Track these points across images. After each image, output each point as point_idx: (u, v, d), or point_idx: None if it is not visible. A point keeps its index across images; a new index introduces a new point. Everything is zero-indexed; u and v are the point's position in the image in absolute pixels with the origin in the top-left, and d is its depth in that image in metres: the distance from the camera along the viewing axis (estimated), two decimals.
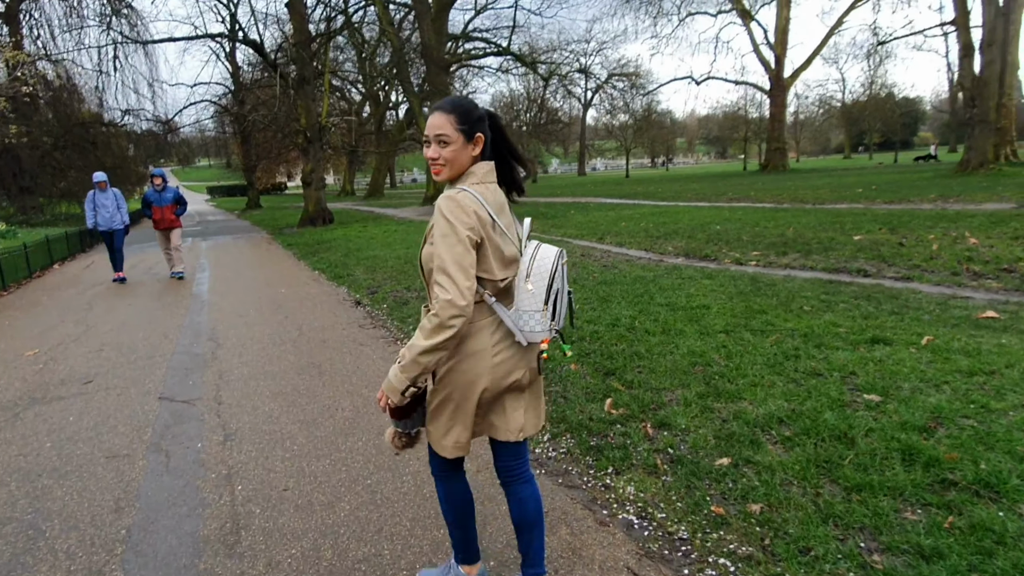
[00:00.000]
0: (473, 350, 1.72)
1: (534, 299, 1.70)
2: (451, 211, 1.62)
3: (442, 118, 1.70)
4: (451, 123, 1.69)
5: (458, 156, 1.71)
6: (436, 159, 1.72)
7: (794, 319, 4.70)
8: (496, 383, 1.74)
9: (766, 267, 7.39)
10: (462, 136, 1.70)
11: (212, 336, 5.80)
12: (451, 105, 1.72)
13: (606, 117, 55.55)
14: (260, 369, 4.64)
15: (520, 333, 1.72)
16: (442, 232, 1.62)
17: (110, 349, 5.51)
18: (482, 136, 1.75)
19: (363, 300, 7.19)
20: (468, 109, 1.73)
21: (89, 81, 27.40)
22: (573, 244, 10.79)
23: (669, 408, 3.34)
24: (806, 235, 9.42)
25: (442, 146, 1.70)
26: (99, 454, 3.28)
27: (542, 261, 1.73)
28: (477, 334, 1.72)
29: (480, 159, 1.77)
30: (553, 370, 4.13)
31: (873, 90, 60.50)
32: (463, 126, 1.70)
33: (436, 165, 1.73)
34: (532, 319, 1.70)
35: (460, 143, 1.70)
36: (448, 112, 1.70)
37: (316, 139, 18.18)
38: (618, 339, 4.60)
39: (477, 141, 1.74)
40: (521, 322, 1.71)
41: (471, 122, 1.72)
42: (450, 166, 1.72)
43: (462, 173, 1.75)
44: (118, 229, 9.76)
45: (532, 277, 1.71)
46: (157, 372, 4.72)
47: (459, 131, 1.70)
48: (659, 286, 6.33)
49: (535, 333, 1.71)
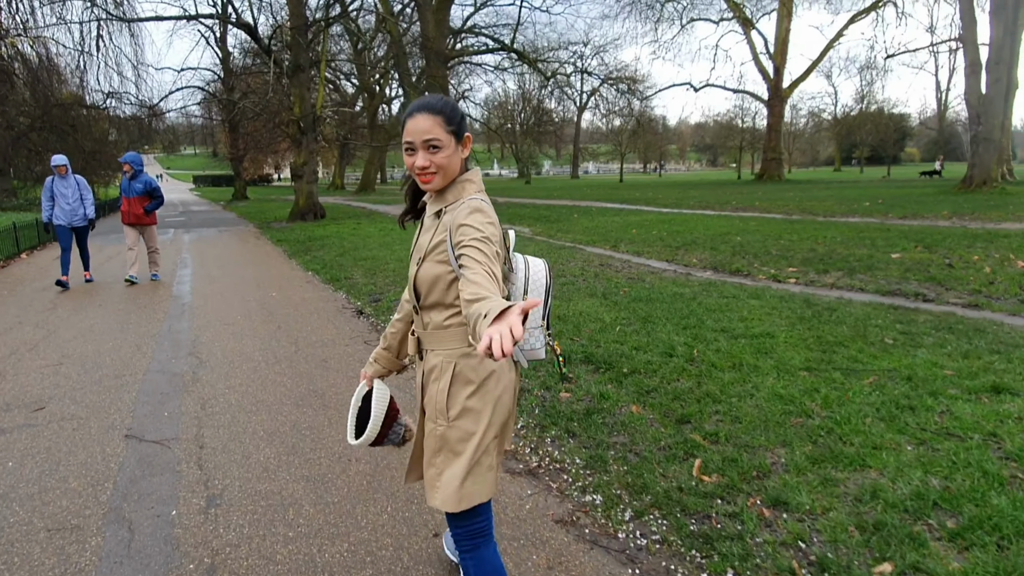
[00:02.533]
0: (493, 367, 1.55)
1: (533, 316, 1.60)
2: (483, 224, 1.43)
3: (429, 120, 1.49)
4: (440, 124, 1.50)
5: (451, 161, 1.53)
6: (427, 168, 1.51)
7: (884, 356, 4.03)
8: (511, 405, 1.61)
9: (808, 285, 6.75)
10: (453, 138, 1.52)
11: (194, 350, 5.00)
12: (438, 104, 1.53)
13: (602, 120, 55.08)
14: (251, 397, 3.87)
15: (521, 352, 1.60)
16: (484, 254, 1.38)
17: (71, 363, 4.68)
18: (470, 136, 1.59)
19: (365, 309, 6.42)
20: (453, 107, 1.55)
21: (71, 61, 26.20)
22: (587, 251, 10.10)
23: (777, 476, 2.64)
24: (838, 251, 8.82)
25: (433, 152, 1.50)
26: (38, 524, 2.49)
27: (536, 276, 1.64)
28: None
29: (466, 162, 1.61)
30: (609, 411, 3.42)
31: (866, 104, 60.78)
32: (452, 127, 1.52)
33: (427, 174, 1.52)
34: (532, 336, 1.60)
35: (452, 146, 1.52)
36: (436, 112, 1.51)
37: (310, 129, 17.31)
38: (680, 373, 3.89)
39: (467, 142, 1.58)
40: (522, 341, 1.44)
41: (458, 121, 1.54)
42: (443, 173, 1.53)
43: (454, 180, 1.56)
44: (80, 225, 8.20)
45: (530, 293, 1.61)
46: (125, 397, 3.92)
47: (449, 133, 1.51)
48: (703, 306, 5.64)
49: (535, 351, 1.63)
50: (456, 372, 1.53)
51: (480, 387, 1.53)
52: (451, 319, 1.55)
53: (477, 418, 1.52)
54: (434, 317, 1.57)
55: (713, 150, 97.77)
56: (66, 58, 26.12)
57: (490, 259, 1.36)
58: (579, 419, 3.35)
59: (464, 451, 1.52)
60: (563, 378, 3.84)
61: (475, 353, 1.48)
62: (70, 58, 26.12)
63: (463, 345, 1.53)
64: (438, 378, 1.56)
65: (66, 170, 7.93)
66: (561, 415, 3.40)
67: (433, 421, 1.57)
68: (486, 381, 1.53)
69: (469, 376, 1.52)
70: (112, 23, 22.45)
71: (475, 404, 1.52)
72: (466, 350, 1.53)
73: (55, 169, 7.86)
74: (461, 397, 1.52)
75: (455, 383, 1.53)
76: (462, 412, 1.52)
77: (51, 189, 7.94)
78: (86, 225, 8.25)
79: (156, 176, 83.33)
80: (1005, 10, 20.60)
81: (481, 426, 1.53)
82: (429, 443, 1.58)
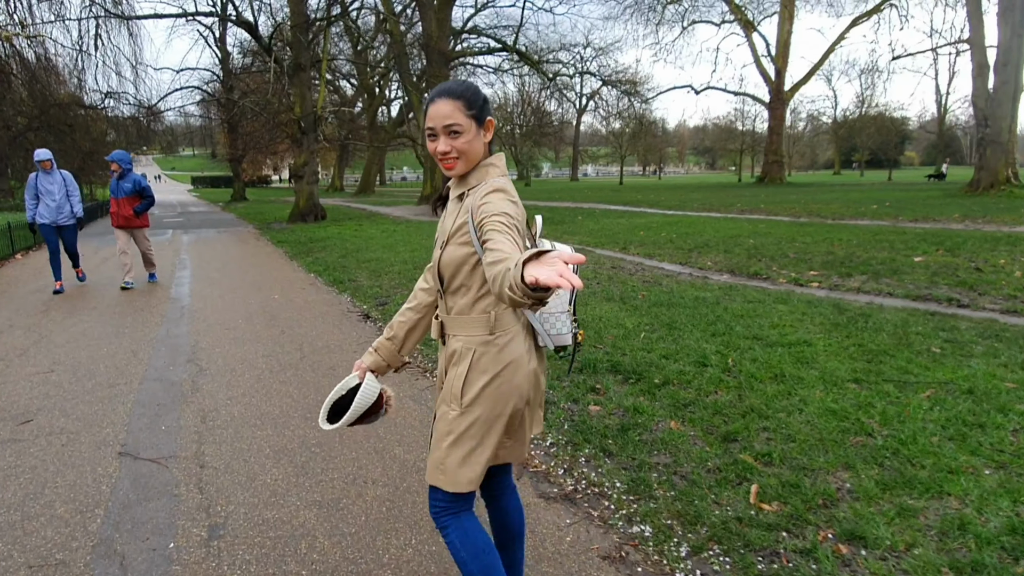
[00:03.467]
0: (511, 358, 1.52)
1: (560, 300, 1.60)
2: (505, 202, 1.43)
3: (449, 105, 1.48)
4: (460, 109, 1.49)
5: (473, 145, 1.51)
6: (448, 153, 1.50)
7: (935, 366, 3.76)
8: (531, 394, 1.57)
9: (833, 290, 6.49)
10: (474, 123, 1.51)
11: (193, 356, 4.72)
12: (459, 88, 1.51)
13: (602, 123, 54.85)
14: (255, 409, 3.58)
15: (548, 337, 1.59)
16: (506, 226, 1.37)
17: (63, 371, 4.39)
18: (492, 120, 1.57)
19: (372, 313, 6.14)
20: (475, 91, 1.53)
21: (69, 61, 25.87)
22: (596, 254, 9.83)
23: (846, 505, 2.37)
24: (858, 254, 8.56)
25: (454, 137, 1.49)
26: (19, 559, 2.20)
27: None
28: (513, 341, 1.54)
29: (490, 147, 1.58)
30: (644, 426, 3.14)
31: (865, 108, 60.67)
32: (472, 111, 1.50)
33: (448, 159, 1.51)
34: (559, 321, 1.60)
35: (473, 131, 1.51)
36: (456, 97, 1.49)
37: (310, 129, 17.03)
38: (717, 385, 3.62)
39: (489, 126, 1.56)
40: (548, 325, 1.60)
41: (479, 105, 1.52)
42: (465, 158, 1.52)
43: (476, 164, 1.55)
44: (67, 224, 7.64)
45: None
46: (120, 408, 3.63)
47: (470, 117, 1.50)
48: (730, 311, 5.37)
49: (562, 336, 1.61)
50: (475, 359, 1.51)
51: (496, 376, 1.51)
52: (476, 304, 1.53)
53: (490, 407, 1.51)
54: (458, 301, 1.55)
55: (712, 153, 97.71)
56: (64, 58, 25.78)
57: (513, 233, 1.35)
58: (614, 436, 3.07)
59: (469, 438, 1.52)
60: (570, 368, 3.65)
61: (496, 341, 1.51)
62: (68, 58, 25.76)
63: (485, 332, 1.52)
64: (457, 363, 1.55)
65: (51, 165, 7.37)
66: (593, 431, 3.13)
67: (447, 404, 1.56)
68: (503, 371, 1.51)
69: (487, 364, 1.51)
70: (111, 21, 22.18)
71: (490, 393, 1.51)
72: (487, 337, 1.51)
73: (39, 164, 7.30)
74: (477, 385, 1.51)
75: (472, 370, 1.51)
76: (475, 400, 1.51)
77: (35, 186, 7.39)
78: (73, 224, 7.73)
79: (155, 178, 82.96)
80: (1013, 12, 20.41)
81: (491, 415, 1.52)
82: (440, 426, 1.57)
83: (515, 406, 1.54)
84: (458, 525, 1.58)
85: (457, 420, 1.53)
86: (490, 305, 1.51)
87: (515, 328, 1.54)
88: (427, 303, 1.72)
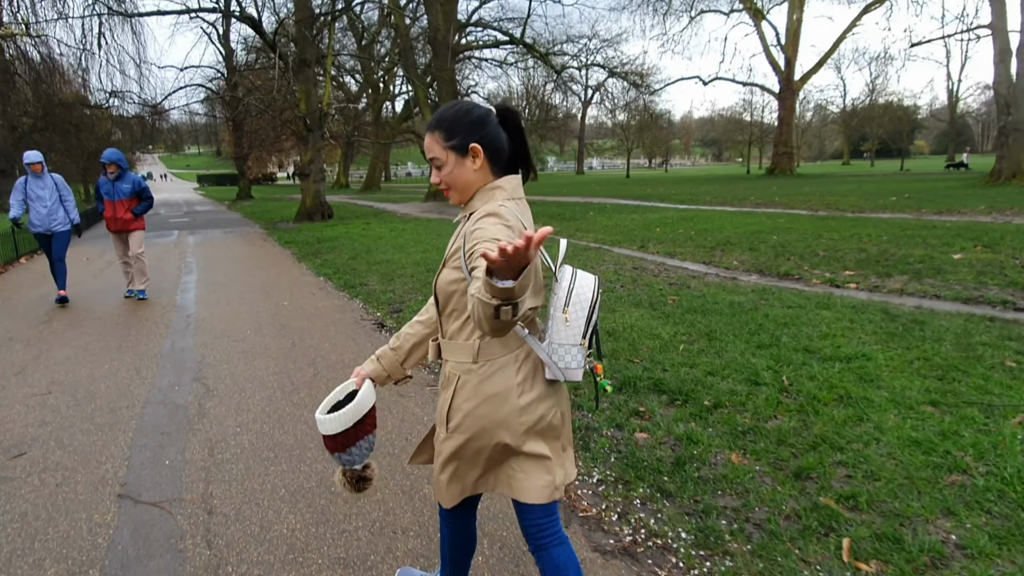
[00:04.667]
0: (493, 391, 1.45)
1: (571, 332, 1.45)
2: (494, 225, 1.34)
3: (430, 138, 1.47)
4: (438, 142, 1.45)
5: (457, 176, 1.46)
6: (439, 184, 1.49)
7: (1018, 384, 3.39)
8: (521, 429, 1.46)
9: (873, 292, 6.12)
10: (452, 153, 1.44)
11: (199, 373, 4.41)
12: (435, 121, 1.46)
13: (608, 116, 54.32)
14: (267, 439, 3.27)
15: (558, 369, 1.45)
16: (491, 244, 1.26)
17: (61, 392, 4.09)
18: (478, 147, 1.44)
19: (386, 321, 5.83)
20: (454, 119, 1.44)
21: (72, 60, 25.63)
22: (614, 252, 9.48)
23: (959, 565, 2.03)
24: (892, 251, 8.17)
25: (439, 170, 1.47)
26: None
27: (582, 289, 1.46)
28: (497, 373, 1.45)
29: (498, 169, 1.49)
30: (701, 459, 2.81)
31: (875, 96, 59.85)
32: (450, 142, 1.44)
33: (443, 189, 1.49)
34: (568, 354, 1.45)
35: (453, 161, 1.45)
36: (433, 130, 1.46)
37: (316, 126, 16.70)
38: (775, 408, 3.28)
39: (474, 153, 1.44)
40: (556, 356, 1.45)
41: (461, 133, 1.43)
42: (455, 188, 1.48)
43: (475, 189, 1.47)
44: (60, 231, 6.92)
45: (571, 307, 1.45)
46: (120, 438, 3.32)
47: (447, 149, 1.45)
48: (770, 318, 5.02)
49: (571, 370, 1.46)
50: (458, 386, 1.49)
51: (475, 408, 1.46)
52: (463, 330, 1.49)
53: (467, 437, 1.48)
54: (451, 325, 1.52)
55: (718, 145, 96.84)
56: (68, 57, 25.55)
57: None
58: (668, 471, 2.74)
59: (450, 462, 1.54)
60: (596, 405, 3.45)
61: (478, 371, 1.46)
62: (72, 57, 25.55)
63: (469, 360, 1.48)
64: (445, 388, 1.54)
65: (41, 168, 6.74)
66: (645, 465, 2.80)
67: (439, 427, 1.57)
68: (482, 404, 1.46)
69: (468, 393, 1.47)
70: (114, 19, 21.90)
71: (468, 424, 1.47)
72: (471, 365, 1.47)
73: (29, 167, 6.68)
74: (460, 413, 1.49)
75: (456, 397, 1.49)
76: (458, 427, 1.49)
77: (24, 190, 6.70)
78: (67, 230, 7.00)
79: (161, 176, 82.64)
80: None
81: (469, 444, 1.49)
82: (439, 448, 1.57)
83: (496, 440, 1.47)
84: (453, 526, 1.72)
85: (444, 443, 1.54)
86: (475, 332, 1.46)
87: (503, 360, 1.46)
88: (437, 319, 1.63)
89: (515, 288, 1.00)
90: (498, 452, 1.49)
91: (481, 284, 1.04)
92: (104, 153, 7.06)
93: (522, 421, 1.45)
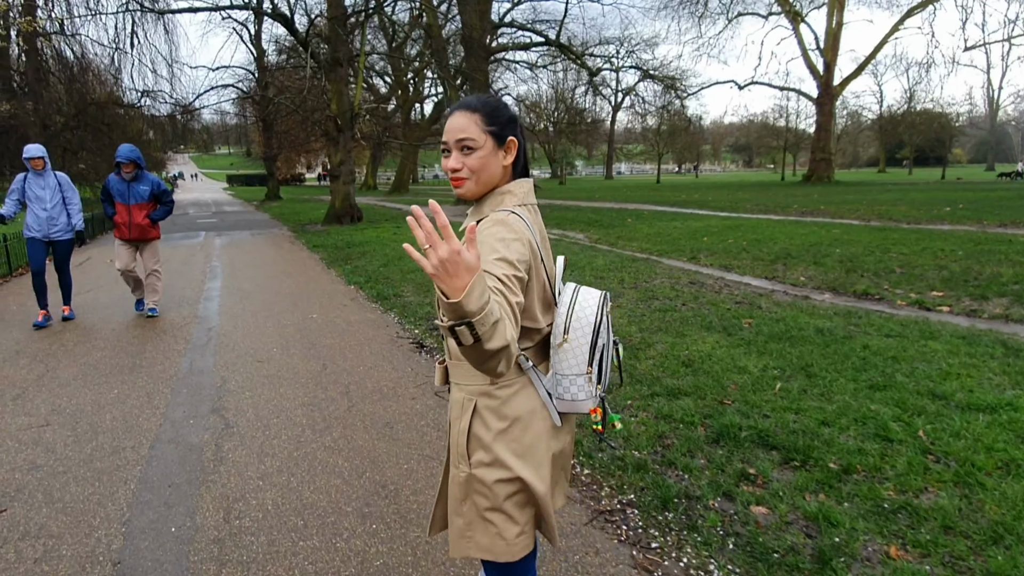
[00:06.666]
0: (516, 413, 1.31)
1: (576, 360, 1.31)
2: (501, 238, 1.21)
3: (465, 118, 1.29)
4: (477, 123, 1.29)
5: (487, 165, 1.30)
6: (459, 170, 1.30)
7: None
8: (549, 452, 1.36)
9: (971, 316, 5.39)
10: (491, 139, 1.30)
11: (218, 403, 3.87)
12: (478, 102, 1.32)
13: (639, 120, 53.46)
14: (295, 498, 2.69)
15: (556, 404, 1.35)
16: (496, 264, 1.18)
17: (60, 424, 3.58)
18: (515, 141, 1.35)
19: (426, 341, 5.26)
20: (496, 106, 1.33)
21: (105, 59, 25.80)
22: (664, 264, 8.81)
23: None
24: (976, 268, 7.37)
25: (466, 153, 1.29)
26: None
27: (584, 310, 1.33)
28: (517, 395, 1.33)
29: (513, 171, 1.37)
30: (848, 551, 2.16)
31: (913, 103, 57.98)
32: (492, 127, 1.30)
33: (458, 178, 1.30)
34: (574, 385, 1.32)
35: (489, 148, 1.30)
36: (472, 111, 1.30)
37: (347, 127, 16.30)
38: (924, 477, 2.61)
39: (510, 147, 1.34)
40: (561, 388, 1.33)
41: (502, 122, 1.31)
42: (476, 178, 1.31)
43: (492, 188, 1.34)
44: (61, 240, 5.94)
45: (571, 331, 1.32)
46: (120, 492, 2.78)
47: (487, 133, 1.30)
48: (871, 349, 4.32)
49: (577, 402, 1.33)
50: (476, 412, 1.32)
51: (504, 433, 1.31)
52: None
53: (499, 467, 1.30)
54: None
55: (748, 151, 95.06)
56: (102, 57, 25.72)
57: (503, 283, 1.11)
58: (810, 569, 2.10)
59: (483, 501, 1.32)
60: (601, 439, 3.12)
61: (497, 394, 1.31)
62: (106, 57, 25.71)
63: (484, 381, 1.31)
64: (459, 417, 1.36)
65: (43, 165, 5.74)
66: (775, 559, 2.16)
67: (455, 466, 1.36)
68: (511, 427, 1.31)
69: (490, 418, 1.31)
70: (146, 18, 21.91)
71: (498, 451, 1.30)
72: (487, 388, 1.31)
73: (28, 163, 5.69)
74: (484, 441, 1.31)
75: (475, 424, 1.32)
76: (483, 458, 1.31)
77: (22, 189, 5.73)
78: (70, 239, 6.03)
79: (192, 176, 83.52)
80: None
81: (504, 475, 1.30)
82: (453, 489, 1.37)
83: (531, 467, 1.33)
84: None
85: (469, 480, 1.34)
86: None
87: (523, 380, 1.34)
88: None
89: (462, 303, 0.90)
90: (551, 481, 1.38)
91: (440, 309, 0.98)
92: (119, 150, 6.00)
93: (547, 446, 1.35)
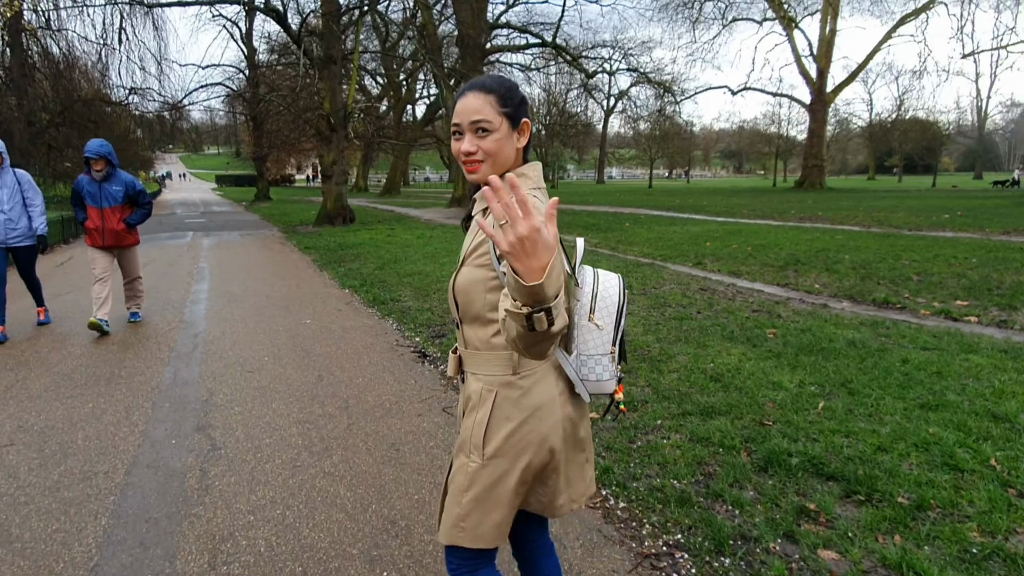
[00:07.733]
0: (538, 402, 1.28)
1: (601, 340, 1.30)
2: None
3: (479, 99, 1.23)
4: (492, 105, 1.23)
5: (502, 148, 1.24)
6: (473, 153, 1.23)
7: None
8: (564, 441, 1.32)
9: (1002, 327, 5.13)
10: (506, 121, 1.24)
11: (204, 420, 3.50)
12: (492, 83, 1.26)
13: (631, 125, 53.39)
14: (292, 538, 2.34)
15: (584, 384, 1.31)
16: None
17: (25, 444, 3.19)
18: (529, 123, 1.30)
19: (428, 349, 4.91)
20: (510, 87, 1.27)
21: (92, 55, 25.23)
22: (670, 269, 8.51)
23: None
24: (995, 277, 7.14)
25: (481, 136, 1.22)
26: None
27: (607, 292, 1.31)
28: (540, 383, 1.29)
29: (524, 154, 1.32)
30: None
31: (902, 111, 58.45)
32: (507, 108, 1.23)
33: (472, 161, 1.24)
34: (599, 365, 1.30)
35: (505, 130, 1.24)
36: (487, 91, 1.24)
37: (340, 126, 15.91)
38: (1010, 515, 2.30)
39: (524, 129, 1.29)
40: (586, 369, 1.30)
41: (515, 104, 1.26)
42: (492, 162, 1.24)
43: (507, 170, 1.26)
44: (21, 247, 5.34)
45: (598, 312, 1.29)
46: (89, 530, 2.41)
47: (502, 115, 1.23)
48: (911, 363, 4.02)
49: (603, 383, 1.31)
50: (496, 403, 1.28)
51: (522, 424, 1.27)
52: (495, 337, 1.27)
53: (515, 457, 1.28)
54: (475, 334, 1.31)
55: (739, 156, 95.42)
56: (89, 54, 25.15)
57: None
58: None
59: (491, 490, 1.28)
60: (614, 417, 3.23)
61: (520, 383, 1.27)
62: (93, 54, 25.14)
63: (507, 372, 1.27)
64: (476, 407, 1.31)
65: (1, 162, 5.10)
66: None
67: (466, 455, 1.31)
68: (529, 418, 1.28)
69: (510, 410, 1.28)
70: (135, 14, 21.41)
71: (515, 442, 1.27)
72: (509, 378, 1.27)
73: None
74: (501, 433, 1.28)
75: (494, 416, 1.28)
76: (499, 450, 1.27)
77: None
78: (32, 245, 5.42)
79: (180, 176, 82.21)
80: None
81: (517, 465, 1.28)
82: (458, 478, 1.32)
83: (543, 457, 1.29)
84: None
85: (479, 472, 1.28)
86: None
87: (543, 368, 1.29)
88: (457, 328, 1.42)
89: (543, 286, 0.91)
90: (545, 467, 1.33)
91: (510, 292, 0.97)
92: (88, 144, 5.32)
93: (566, 431, 1.32)
